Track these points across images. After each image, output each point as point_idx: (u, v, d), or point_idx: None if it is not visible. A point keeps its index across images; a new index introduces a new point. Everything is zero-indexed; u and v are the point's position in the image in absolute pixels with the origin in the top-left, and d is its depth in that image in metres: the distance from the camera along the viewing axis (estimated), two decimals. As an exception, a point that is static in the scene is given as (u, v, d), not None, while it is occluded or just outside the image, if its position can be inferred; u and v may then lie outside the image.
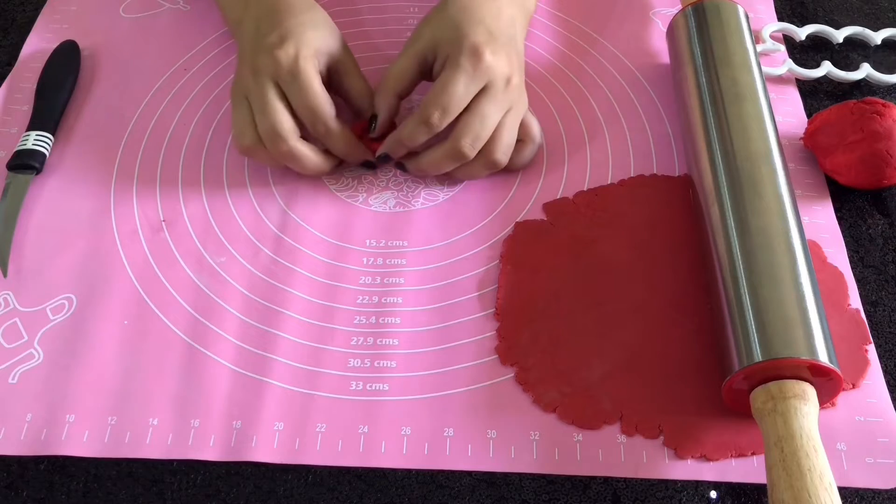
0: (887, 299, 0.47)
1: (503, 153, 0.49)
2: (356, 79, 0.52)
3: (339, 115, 0.49)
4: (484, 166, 0.50)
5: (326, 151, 0.50)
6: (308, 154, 0.49)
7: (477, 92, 0.47)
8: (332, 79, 0.51)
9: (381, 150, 0.50)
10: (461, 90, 0.47)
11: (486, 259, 0.48)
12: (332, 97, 0.49)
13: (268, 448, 0.41)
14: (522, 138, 0.51)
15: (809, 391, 0.39)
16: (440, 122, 0.47)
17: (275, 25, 0.48)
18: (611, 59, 0.60)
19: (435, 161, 0.49)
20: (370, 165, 0.52)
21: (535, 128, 0.51)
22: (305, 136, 0.49)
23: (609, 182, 0.52)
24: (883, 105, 0.49)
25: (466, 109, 0.47)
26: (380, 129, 0.51)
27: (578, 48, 0.60)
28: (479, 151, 0.48)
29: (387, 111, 0.51)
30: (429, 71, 0.50)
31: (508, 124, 0.49)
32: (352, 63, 0.52)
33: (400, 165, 0.51)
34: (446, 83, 0.47)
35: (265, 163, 0.51)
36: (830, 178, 0.52)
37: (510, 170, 0.52)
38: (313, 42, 0.48)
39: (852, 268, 0.48)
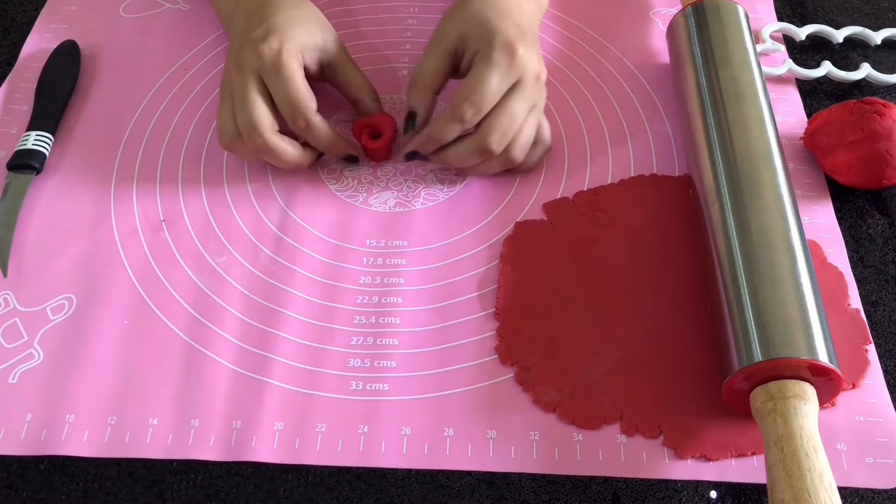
0: (887, 299, 0.47)
1: (521, 150, 0.49)
2: (351, 70, 0.52)
3: (335, 112, 0.49)
4: (501, 163, 0.50)
5: (307, 145, 0.50)
6: (285, 147, 0.48)
7: (508, 88, 0.47)
8: (325, 73, 0.51)
9: (410, 147, 0.50)
10: (494, 87, 0.46)
11: (486, 259, 0.48)
12: (328, 92, 0.49)
13: (268, 448, 0.41)
14: (534, 140, 0.50)
15: (809, 391, 0.39)
16: (473, 119, 0.47)
17: (262, 20, 0.48)
18: (611, 58, 0.60)
19: (461, 155, 0.49)
20: (352, 159, 0.52)
21: (546, 130, 0.51)
22: (288, 132, 0.49)
23: (609, 182, 0.52)
24: (883, 105, 0.49)
25: (497, 105, 0.47)
26: (420, 126, 0.50)
27: (578, 48, 0.60)
28: None
29: (426, 108, 0.50)
30: (457, 67, 0.50)
31: (531, 122, 0.49)
32: (345, 56, 0.52)
33: (422, 156, 0.51)
34: (479, 79, 0.46)
35: (245, 158, 0.51)
36: (830, 178, 0.52)
37: (518, 171, 0.52)
38: (298, 37, 0.48)
39: (852, 268, 0.48)
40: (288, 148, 0.49)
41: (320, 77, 0.51)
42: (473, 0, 0.49)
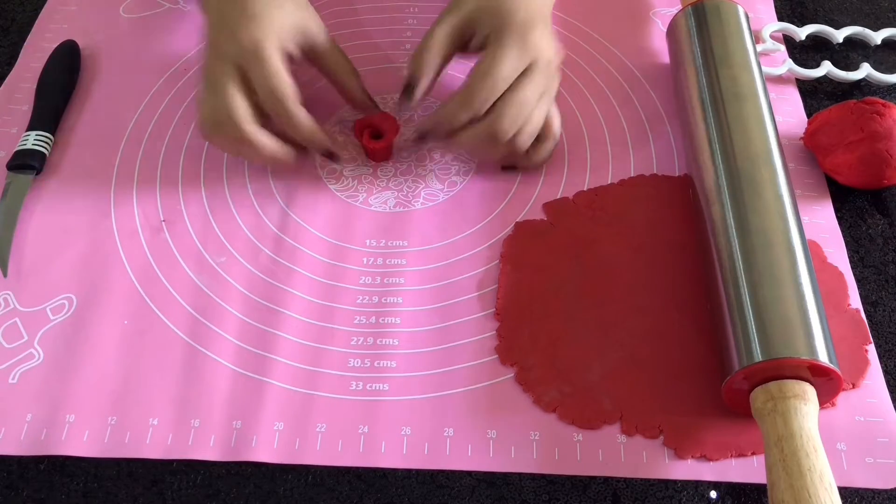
0: (887, 299, 0.47)
1: (528, 137, 0.48)
2: (335, 54, 0.50)
3: (335, 112, 0.49)
4: (507, 148, 0.48)
5: (290, 143, 0.48)
6: (262, 140, 0.47)
7: (520, 73, 0.46)
8: (308, 56, 0.50)
9: (421, 129, 0.48)
10: (506, 71, 0.45)
11: (486, 259, 0.48)
12: (327, 92, 0.48)
13: (268, 448, 0.41)
14: (542, 133, 0.49)
15: (809, 391, 0.39)
16: (484, 104, 0.46)
17: (239, 4, 0.46)
18: (611, 58, 0.60)
19: (470, 140, 0.48)
20: (331, 157, 0.50)
21: (555, 123, 0.50)
22: (271, 127, 0.48)
23: (609, 182, 0.52)
24: (883, 105, 0.49)
25: (507, 90, 0.46)
26: (421, 95, 0.48)
27: (578, 48, 0.60)
28: None
29: (430, 75, 0.48)
30: (465, 44, 0.48)
31: (542, 108, 0.48)
32: (328, 41, 0.50)
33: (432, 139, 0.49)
34: (491, 63, 0.45)
35: (226, 150, 0.50)
36: (830, 178, 0.52)
37: (529, 167, 0.52)
38: (277, 20, 0.46)
39: (852, 268, 0.48)
40: (266, 140, 0.47)
41: (304, 60, 0.49)
42: None
